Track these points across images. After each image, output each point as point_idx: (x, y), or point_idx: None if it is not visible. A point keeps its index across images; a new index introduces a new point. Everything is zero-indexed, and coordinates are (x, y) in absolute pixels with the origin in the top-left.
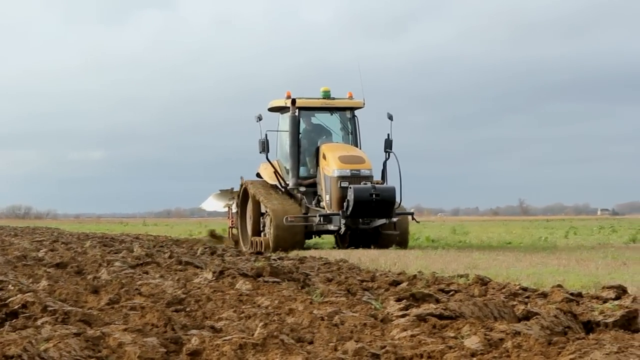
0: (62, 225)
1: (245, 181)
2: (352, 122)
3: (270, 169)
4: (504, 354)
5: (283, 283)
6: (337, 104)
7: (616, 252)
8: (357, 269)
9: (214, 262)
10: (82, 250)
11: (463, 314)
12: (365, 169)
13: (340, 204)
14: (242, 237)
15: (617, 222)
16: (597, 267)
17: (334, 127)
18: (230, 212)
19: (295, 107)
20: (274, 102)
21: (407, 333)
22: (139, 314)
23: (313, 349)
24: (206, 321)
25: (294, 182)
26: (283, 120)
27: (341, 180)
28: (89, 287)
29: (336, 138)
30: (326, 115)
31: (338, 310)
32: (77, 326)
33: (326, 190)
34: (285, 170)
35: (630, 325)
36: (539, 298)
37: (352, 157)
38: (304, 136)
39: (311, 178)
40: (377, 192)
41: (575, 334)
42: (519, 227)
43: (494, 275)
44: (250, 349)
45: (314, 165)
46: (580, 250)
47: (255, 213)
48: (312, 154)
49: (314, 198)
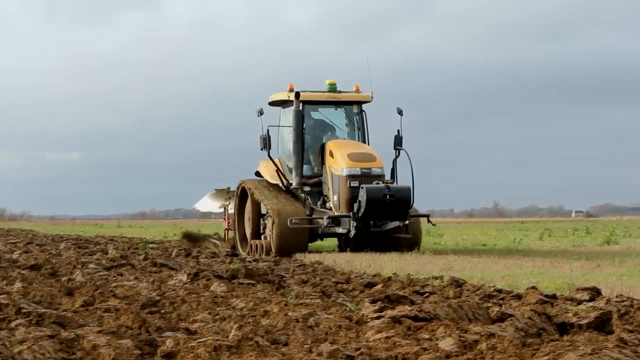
0: (37, 227)
1: (244, 180)
2: (359, 117)
3: (271, 167)
4: (478, 356)
5: (258, 285)
6: (344, 97)
7: (590, 254)
8: (332, 270)
9: (188, 264)
10: (57, 252)
11: (438, 316)
12: (377, 168)
13: (350, 205)
14: (239, 239)
15: (592, 224)
16: (571, 269)
17: (338, 122)
18: (226, 213)
19: (299, 100)
20: (275, 96)
21: (382, 335)
22: (114, 316)
23: (288, 351)
24: (181, 323)
25: (297, 182)
26: (285, 115)
27: (350, 180)
28: (64, 289)
29: (340, 134)
30: (330, 110)
31: (313, 312)
32: (52, 328)
33: (334, 190)
34: (288, 169)
35: (604, 326)
36: (513, 300)
37: (362, 154)
38: (307, 132)
39: (316, 177)
40: (391, 193)
41: (549, 336)
42: (493, 229)
43: (468, 277)
44: (225, 351)
45: (318, 164)
46: (555, 252)
47: (254, 214)
48: (317, 151)
49: (319, 198)
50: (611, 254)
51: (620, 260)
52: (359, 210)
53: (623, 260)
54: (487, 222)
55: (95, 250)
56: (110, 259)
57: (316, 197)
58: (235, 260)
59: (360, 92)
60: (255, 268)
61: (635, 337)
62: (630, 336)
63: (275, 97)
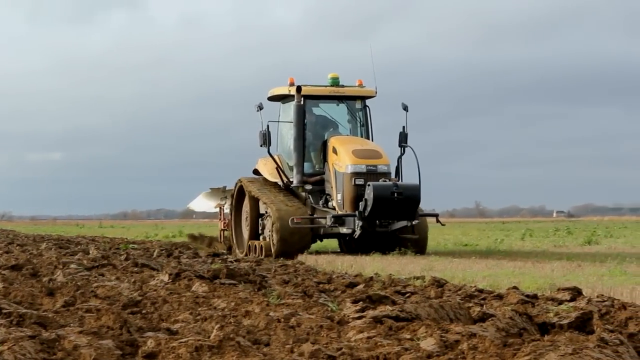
0: (18, 227)
1: (241, 178)
2: (363, 113)
3: (271, 164)
4: (459, 356)
5: (240, 285)
6: (347, 92)
7: (571, 254)
8: (313, 270)
9: (170, 264)
10: (38, 252)
11: (419, 316)
12: (383, 165)
13: (354, 203)
14: (236, 240)
15: (573, 224)
16: (552, 269)
17: (341, 118)
18: (222, 212)
19: (300, 95)
20: (275, 90)
21: (364, 335)
22: (95, 317)
23: (269, 351)
24: (162, 323)
25: (298, 180)
26: (284, 111)
27: (355, 177)
28: (45, 289)
29: (343, 130)
30: (332, 105)
31: (294, 312)
32: (32, 329)
33: (337, 188)
34: (288, 166)
35: (585, 326)
36: (494, 300)
37: (367, 151)
38: (308, 128)
39: (317, 175)
40: (399, 191)
41: (530, 336)
42: (475, 229)
43: (450, 277)
44: (206, 351)
45: (320, 161)
46: (536, 253)
47: (252, 214)
48: (318, 148)
49: (321, 197)
50: (592, 254)
51: (601, 261)
52: (364, 209)
53: (604, 261)
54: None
55: (76, 250)
56: (92, 259)
57: (318, 196)
58: (217, 261)
59: (364, 87)
60: (237, 268)
61: (616, 337)
62: (611, 336)
63: (274, 91)
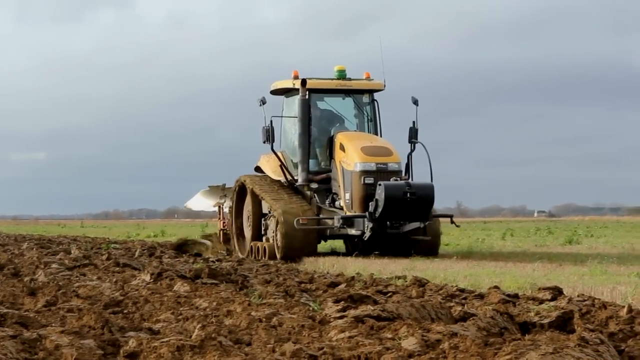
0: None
1: (243, 176)
2: (371, 107)
3: (274, 161)
4: (440, 355)
5: (221, 285)
6: (354, 85)
7: (552, 254)
8: (295, 270)
9: (152, 264)
10: (19, 252)
11: (400, 316)
12: (393, 163)
13: (364, 203)
14: (237, 241)
15: (554, 223)
16: (533, 268)
17: (347, 112)
18: (221, 211)
19: (305, 88)
20: (278, 83)
21: (345, 334)
22: (76, 316)
23: (251, 351)
24: (144, 323)
25: (304, 178)
26: (288, 105)
27: (365, 176)
28: (26, 289)
29: (349, 126)
30: (337, 99)
31: (276, 312)
32: (14, 328)
33: (345, 187)
34: (292, 164)
35: (565, 325)
36: (475, 299)
37: (377, 148)
38: (314, 123)
39: (323, 172)
40: (412, 191)
41: (511, 335)
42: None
43: (431, 277)
44: (188, 350)
45: (326, 158)
46: (517, 252)
47: (255, 213)
48: (324, 145)
49: (328, 196)
50: (573, 254)
51: (582, 260)
52: (375, 209)
53: (584, 260)
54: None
55: (58, 250)
56: (73, 259)
57: (324, 195)
58: (199, 260)
59: (371, 80)
60: (219, 268)
61: (597, 336)
62: (592, 335)
63: (277, 85)
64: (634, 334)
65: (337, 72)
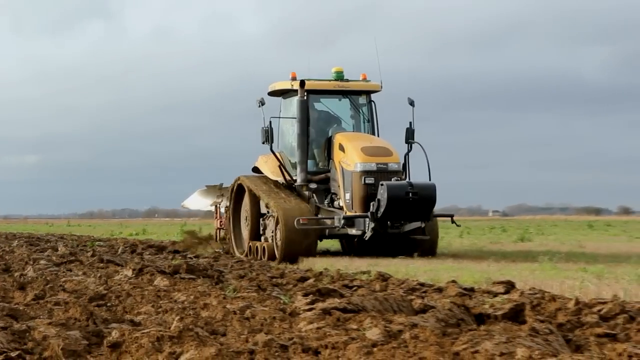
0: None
1: (240, 176)
2: (368, 108)
3: (273, 162)
4: (402, 345)
5: (198, 279)
6: (352, 86)
7: (506, 251)
8: (267, 266)
9: (133, 260)
10: (10, 249)
11: (365, 308)
12: (393, 163)
13: (364, 203)
14: (234, 241)
15: (507, 222)
16: (488, 264)
17: (343, 113)
18: (218, 211)
19: (304, 89)
20: (276, 85)
21: (313, 326)
22: (63, 309)
23: (226, 341)
24: (126, 315)
25: (302, 178)
26: (286, 106)
27: (365, 176)
28: (16, 283)
29: (345, 126)
30: (334, 100)
31: (249, 305)
32: (4, 320)
33: (345, 187)
34: (290, 164)
35: (517, 317)
36: (435, 293)
37: (377, 148)
38: (311, 124)
39: (322, 173)
40: (414, 191)
41: (467, 326)
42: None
43: (394, 272)
44: (167, 341)
45: (323, 158)
46: (473, 249)
47: (253, 214)
48: (321, 145)
49: (326, 196)
50: (525, 250)
51: (533, 256)
52: (377, 209)
53: (535, 256)
54: None
55: (46, 247)
56: (60, 255)
57: (322, 195)
58: (177, 257)
59: (368, 81)
60: (196, 264)
61: (546, 326)
62: (542, 326)
63: (275, 86)
64: (581, 325)
65: (335, 74)
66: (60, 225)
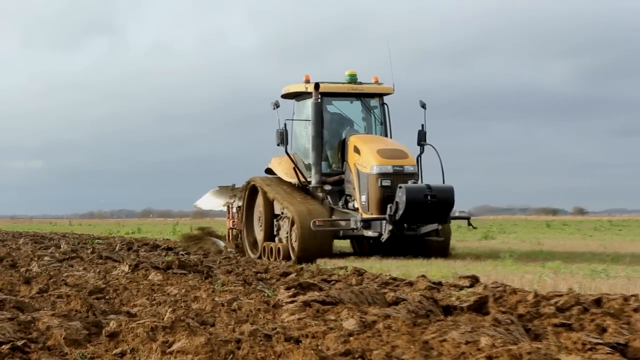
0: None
1: (254, 177)
2: (381, 110)
3: (287, 163)
4: (376, 334)
5: (189, 274)
6: (365, 89)
7: (471, 248)
8: (253, 262)
9: (130, 257)
10: (16, 246)
11: (342, 300)
12: (409, 165)
13: (381, 205)
14: (247, 241)
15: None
16: (455, 260)
17: (355, 115)
18: (230, 211)
19: (318, 92)
20: (290, 87)
21: (295, 316)
22: (65, 302)
23: (214, 331)
24: (123, 307)
25: (317, 179)
26: (299, 108)
27: (382, 178)
28: (22, 278)
29: (358, 128)
30: (345, 103)
31: (236, 298)
32: (11, 312)
33: (361, 189)
34: (304, 165)
35: (481, 308)
36: (406, 286)
37: (393, 150)
38: (325, 126)
39: (335, 174)
40: (433, 193)
41: (436, 317)
42: None
43: (368, 267)
44: (160, 331)
45: (336, 160)
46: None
47: (267, 214)
48: (334, 147)
49: (340, 198)
50: (488, 248)
51: (496, 253)
52: (396, 212)
53: (498, 253)
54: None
55: (49, 245)
56: (63, 252)
57: (337, 197)
58: (170, 254)
59: (381, 84)
60: (187, 260)
61: (508, 317)
62: (504, 317)
63: (289, 88)
64: (539, 315)
65: (349, 77)
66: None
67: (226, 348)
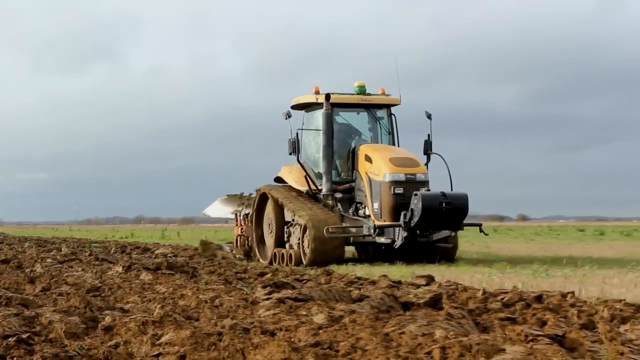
0: (6, 230)
1: (264, 186)
2: (388, 121)
3: (298, 172)
4: (342, 327)
5: (177, 274)
6: (373, 100)
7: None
8: (233, 263)
9: (123, 259)
10: (22, 249)
11: (312, 297)
12: (421, 173)
13: (394, 213)
14: (257, 248)
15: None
16: (412, 263)
17: (362, 126)
18: (238, 219)
19: (329, 102)
20: (300, 98)
21: (270, 312)
22: (65, 299)
23: (199, 325)
24: (117, 304)
25: (328, 188)
26: (309, 119)
27: (395, 186)
28: (27, 278)
29: (366, 138)
30: (353, 113)
31: (218, 295)
32: (17, 308)
33: (373, 197)
34: (314, 174)
35: (436, 304)
36: (369, 285)
37: (404, 159)
38: (334, 136)
39: (345, 182)
40: (448, 201)
41: (396, 312)
42: None
43: (336, 268)
44: (150, 325)
45: (346, 169)
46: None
47: (277, 221)
48: (343, 156)
49: (351, 205)
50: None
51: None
52: (411, 219)
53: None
54: None
55: (52, 248)
56: (63, 255)
57: (347, 204)
58: (159, 256)
59: (388, 95)
60: (175, 262)
61: (460, 312)
62: (456, 311)
63: (299, 99)
64: (487, 310)
65: (358, 88)
66: (63, 230)
67: (209, 340)
